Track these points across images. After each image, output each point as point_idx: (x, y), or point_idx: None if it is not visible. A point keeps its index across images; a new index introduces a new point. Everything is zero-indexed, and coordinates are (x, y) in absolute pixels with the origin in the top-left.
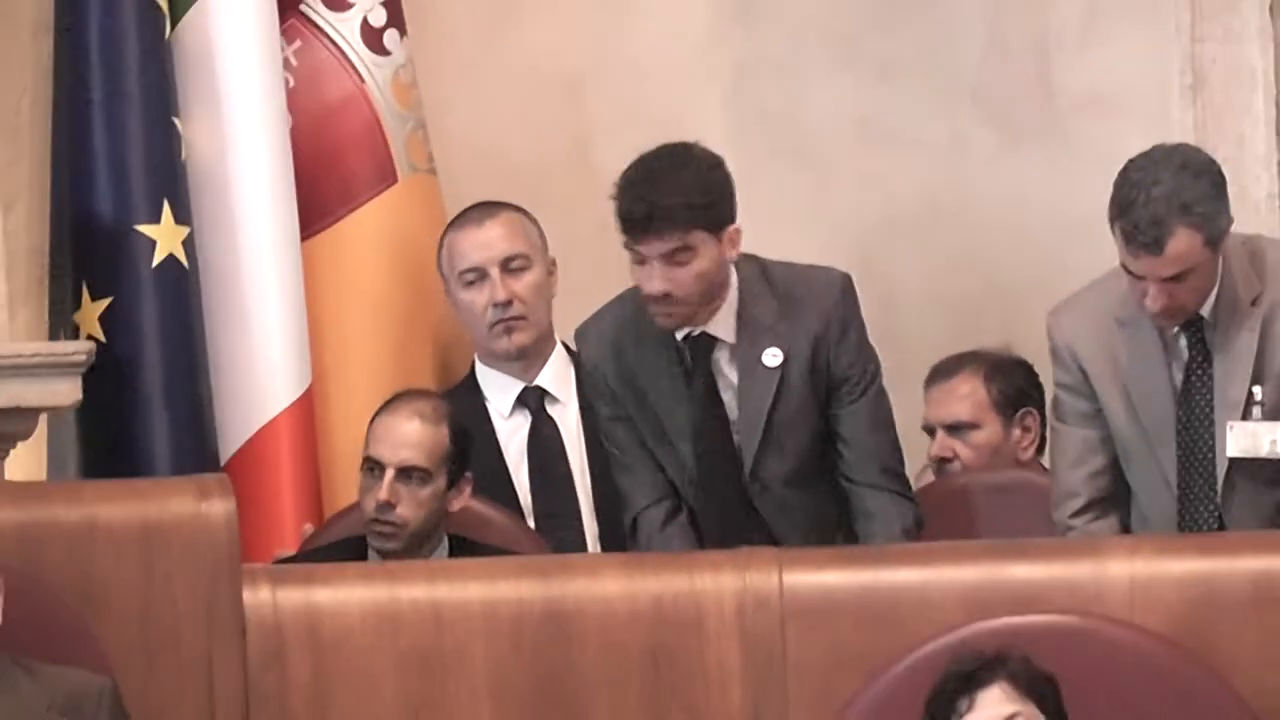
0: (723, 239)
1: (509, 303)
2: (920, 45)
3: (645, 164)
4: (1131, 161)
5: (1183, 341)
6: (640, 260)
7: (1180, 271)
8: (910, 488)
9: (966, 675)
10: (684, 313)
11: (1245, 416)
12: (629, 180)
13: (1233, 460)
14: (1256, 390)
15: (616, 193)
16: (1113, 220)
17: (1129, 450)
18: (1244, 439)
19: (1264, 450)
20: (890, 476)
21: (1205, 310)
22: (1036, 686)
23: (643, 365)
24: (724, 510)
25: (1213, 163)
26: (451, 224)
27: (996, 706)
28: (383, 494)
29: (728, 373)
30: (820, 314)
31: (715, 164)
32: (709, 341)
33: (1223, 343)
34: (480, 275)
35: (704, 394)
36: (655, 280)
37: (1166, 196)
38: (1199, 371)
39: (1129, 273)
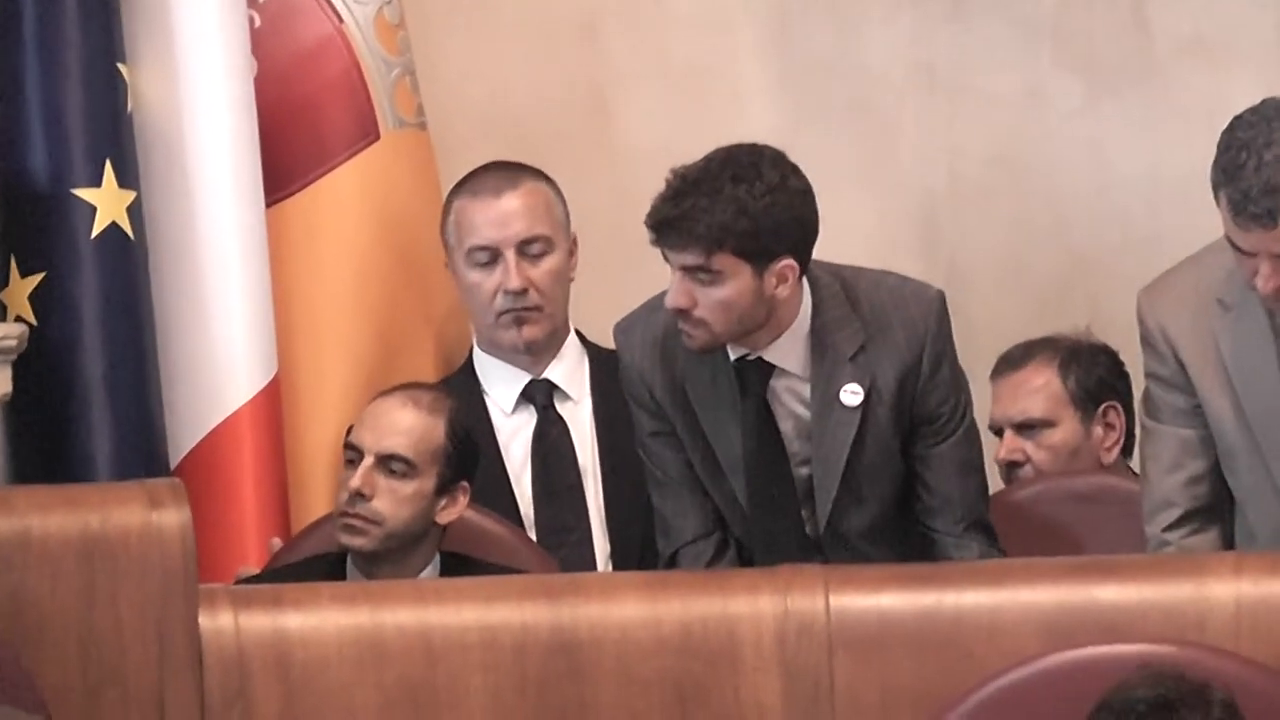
0: (766, 273)
1: (523, 292)
2: None
3: (706, 164)
4: (1239, 118)
5: None
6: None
7: None
8: (996, 537)
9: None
10: (705, 337)
11: None
12: (678, 174)
13: None
14: None
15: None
16: (1217, 187)
17: (1233, 453)
18: None
19: None
20: (976, 529)
21: None
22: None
23: (694, 379)
24: (783, 560)
25: None
26: (462, 186)
27: None
28: (356, 481)
29: (791, 406)
30: (912, 343)
31: (779, 188)
32: (765, 370)
33: None
34: (493, 256)
35: (756, 427)
36: (672, 292)
37: None
38: None
39: (1235, 247)
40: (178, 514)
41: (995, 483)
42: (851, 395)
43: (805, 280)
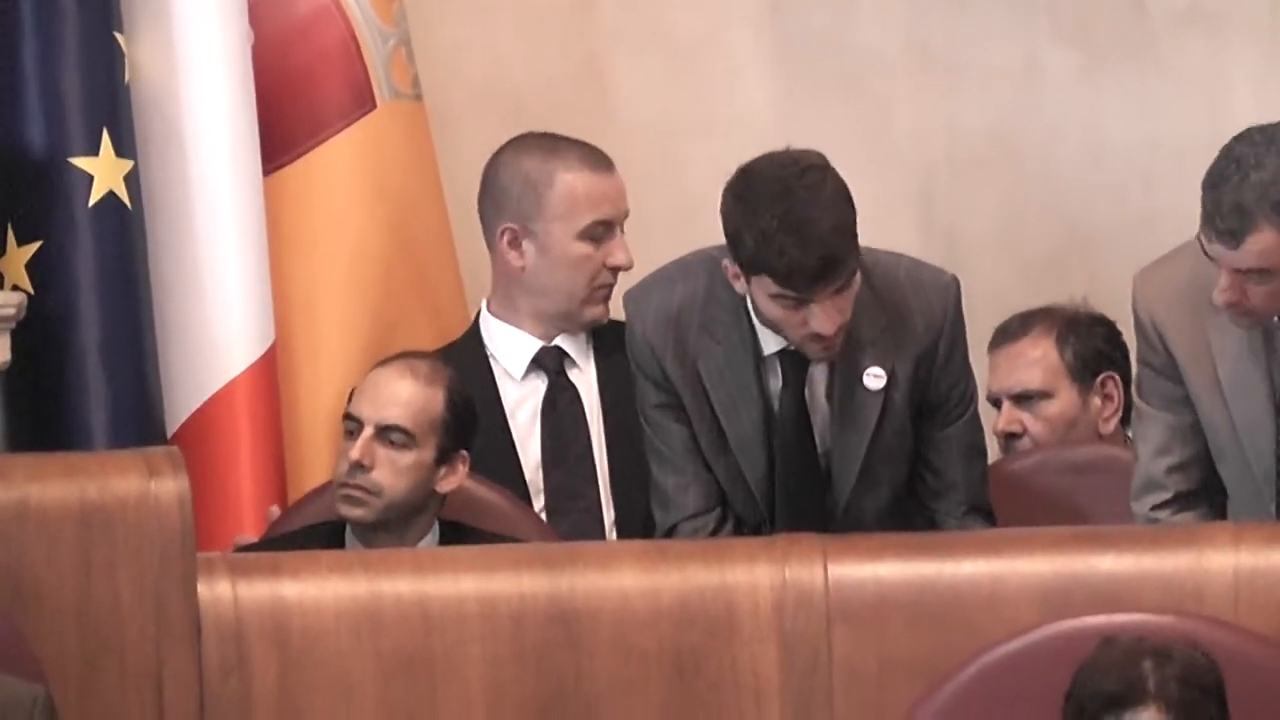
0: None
1: (627, 269)
2: None
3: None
4: (1248, 132)
5: None
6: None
7: (1255, 269)
8: (996, 522)
9: (1111, 697)
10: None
11: None
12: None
13: None
14: None
15: (765, 239)
16: (1203, 189)
17: (1221, 447)
18: None
19: None
20: (978, 512)
21: None
22: (1196, 709)
23: (707, 355)
24: None
25: None
26: (555, 156)
27: None
28: (355, 452)
29: (818, 395)
30: (929, 330)
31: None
32: (804, 359)
33: None
34: (608, 231)
35: (793, 416)
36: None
37: (1263, 185)
38: None
39: (1205, 251)
40: (176, 482)
41: (993, 453)
42: (874, 379)
43: None
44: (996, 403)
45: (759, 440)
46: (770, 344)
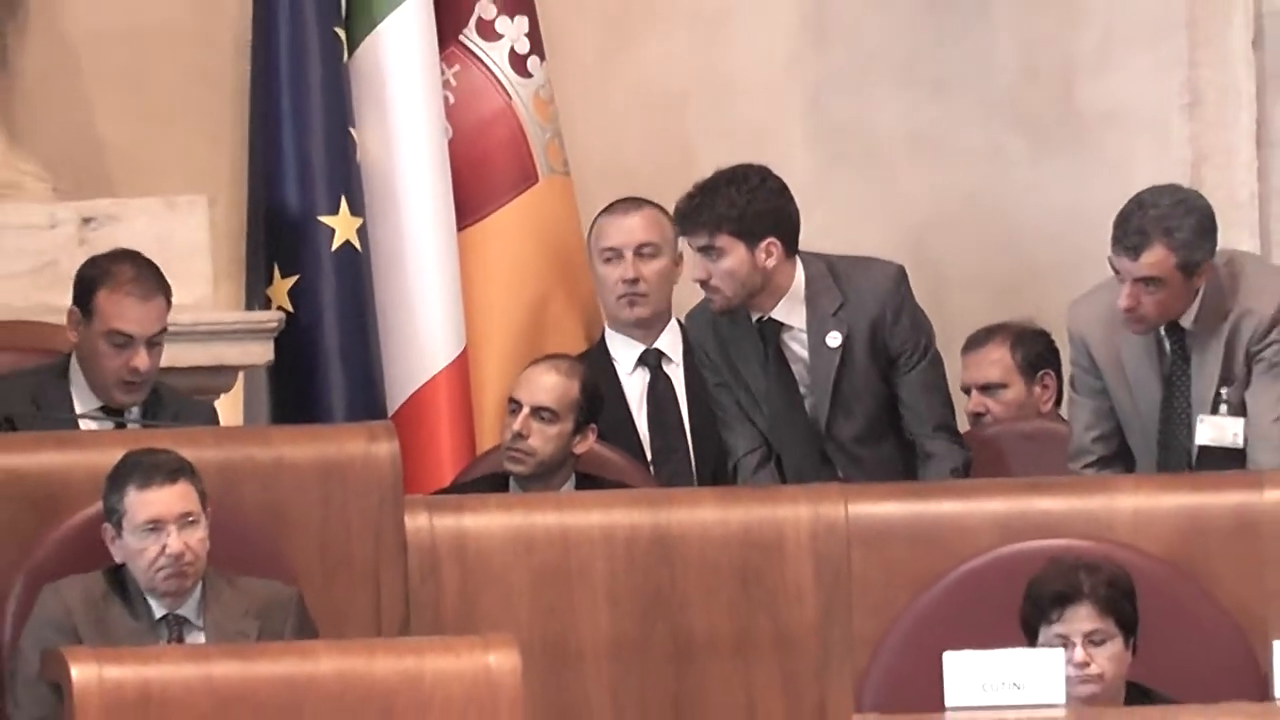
0: (756, 248)
1: (635, 281)
2: (964, 68)
3: (713, 175)
4: (1147, 189)
5: (1168, 346)
6: None
7: (1149, 278)
8: (960, 437)
9: (1056, 595)
10: (721, 300)
11: (1214, 411)
12: (694, 185)
13: (1202, 447)
14: (1224, 390)
15: None
16: (1114, 226)
17: (1128, 423)
18: (1212, 430)
19: (1228, 440)
20: (942, 429)
21: (1187, 321)
22: (1117, 605)
23: (734, 342)
24: (800, 459)
25: (1208, 208)
26: (603, 211)
27: (1081, 623)
28: (517, 425)
29: (797, 351)
30: (876, 302)
31: (759, 186)
32: (777, 326)
33: (1198, 349)
34: (617, 255)
35: (776, 368)
36: (694, 267)
37: (1158, 218)
38: (1179, 372)
39: (1114, 271)
40: (390, 446)
41: (964, 426)
42: (833, 339)
43: (799, 260)
44: (968, 391)
45: (762, 393)
46: (754, 314)
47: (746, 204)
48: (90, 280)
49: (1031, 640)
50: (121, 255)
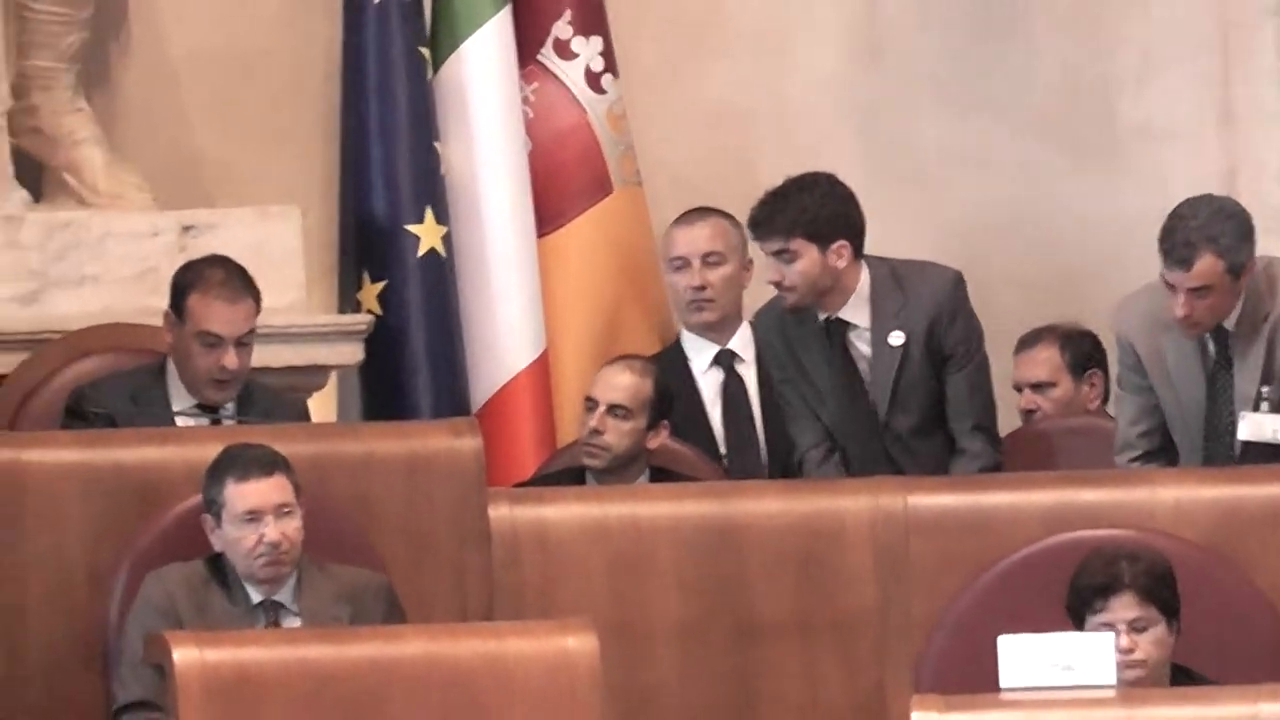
0: (828, 251)
1: (702, 288)
2: (1008, 88)
3: (784, 183)
4: (1184, 202)
5: (1211, 347)
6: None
7: (1201, 286)
8: (995, 438)
9: (1099, 586)
10: (795, 299)
11: (1255, 409)
12: (766, 192)
13: (1245, 443)
14: (1265, 389)
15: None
16: (1159, 241)
17: (1172, 419)
18: (1253, 427)
19: (1267, 436)
20: (980, 429)
21: (1229, 323)
22: (1158, 592)
23: (800, 341)
24: (863, 451)
25: (1244, 212)
26: (674, 221)
27: (1124, 611)
28: (593, 422)
29: (862, 349)
30: (935, 304)
31: (829, 192)
32: (842, 325)
33: (1240, 350)
34: (685, 263)
35: (841, 365)
36: (771, 270)
37: (1201, 228)
38: (1222, 372)
39: (1167, 284)
40: (474, 441)
41: (1016, 423)
42: (896, 338)
43: (864, 263)
44: (1020, 389)
45: (828, 388)
46: (821, 315)
47: (819, 209)
48: (183, 284)
49: (1079, 628)
50: (212, 260)
